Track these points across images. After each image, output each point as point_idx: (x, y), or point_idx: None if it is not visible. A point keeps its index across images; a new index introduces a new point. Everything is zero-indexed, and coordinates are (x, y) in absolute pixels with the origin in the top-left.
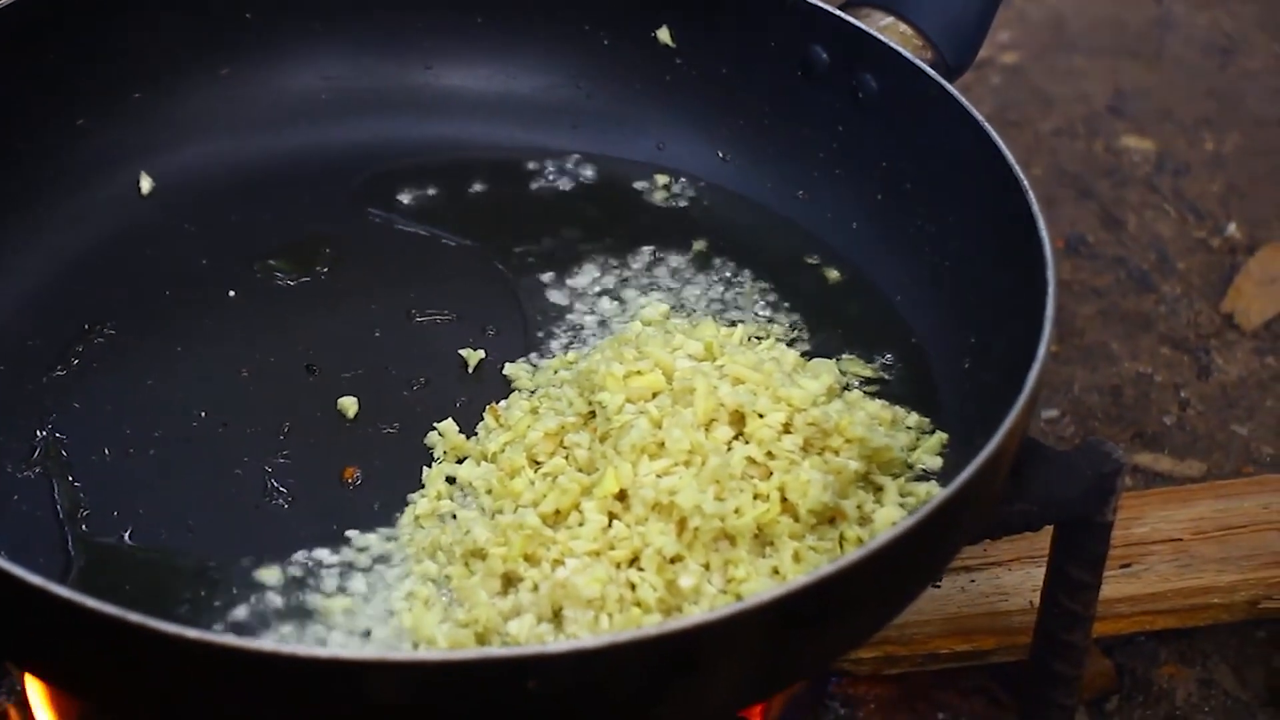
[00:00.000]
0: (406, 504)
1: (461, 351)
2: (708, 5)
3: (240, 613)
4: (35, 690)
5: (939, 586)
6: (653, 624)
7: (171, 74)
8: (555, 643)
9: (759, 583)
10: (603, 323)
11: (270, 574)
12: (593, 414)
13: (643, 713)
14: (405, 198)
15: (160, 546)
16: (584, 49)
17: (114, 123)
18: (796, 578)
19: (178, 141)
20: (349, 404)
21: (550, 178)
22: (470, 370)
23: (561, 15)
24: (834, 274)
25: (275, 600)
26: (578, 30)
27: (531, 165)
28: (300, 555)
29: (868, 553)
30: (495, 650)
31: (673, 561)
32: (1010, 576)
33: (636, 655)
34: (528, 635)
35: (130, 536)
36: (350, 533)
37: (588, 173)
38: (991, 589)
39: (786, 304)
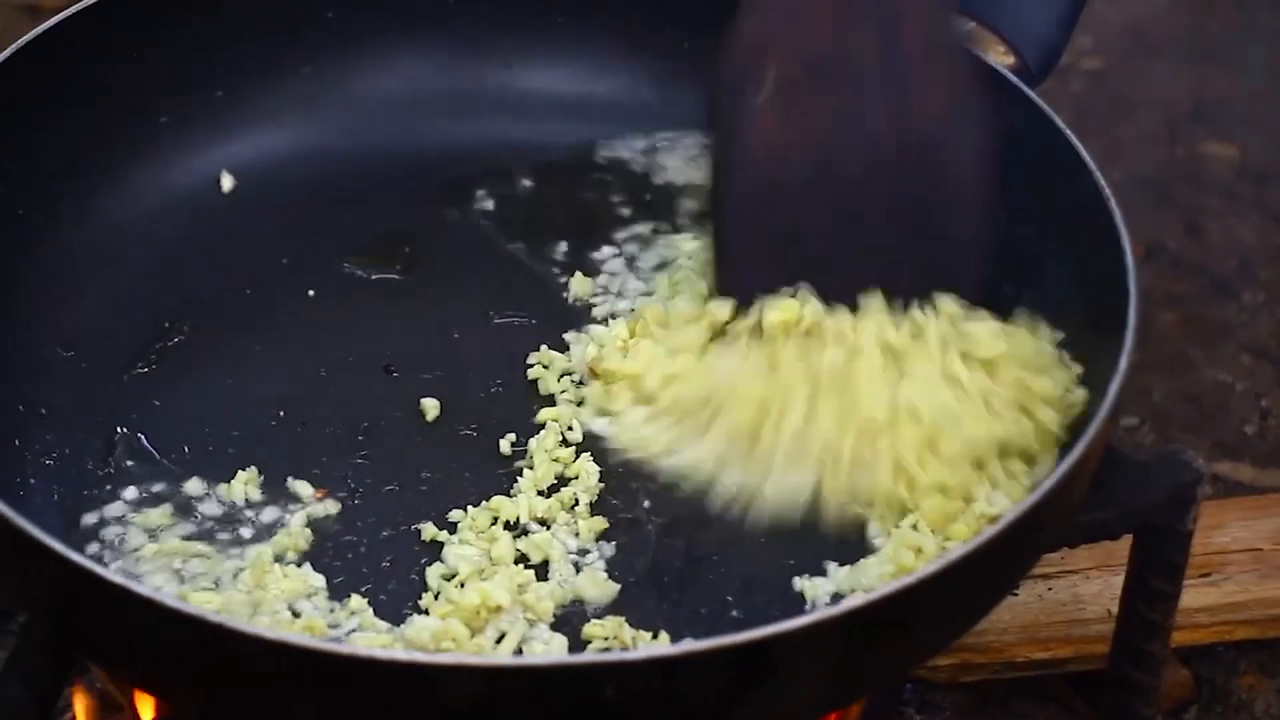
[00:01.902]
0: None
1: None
2: None
3: None
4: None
5: (1017, 594)
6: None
7: (253, 73)
8: (633, 650)
9: None
10: None
11: None
12: None
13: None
14: (485, 198)
15: None
16: (665, 51)
17: (196, 121)
18: (877, 587)
19: (259, 140)
20: (430, 405)
21: (631, 180)
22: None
23: (643, 17)
24: None
25: None
26: (659, 32)
27: (612, 167)
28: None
29: (947, 562)
30: (573, 657)
31: None
32: (1088, 585)
33: (715, 663)
34: None
35: None
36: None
37: (669, 175)
38: (1069, 597)
39: None
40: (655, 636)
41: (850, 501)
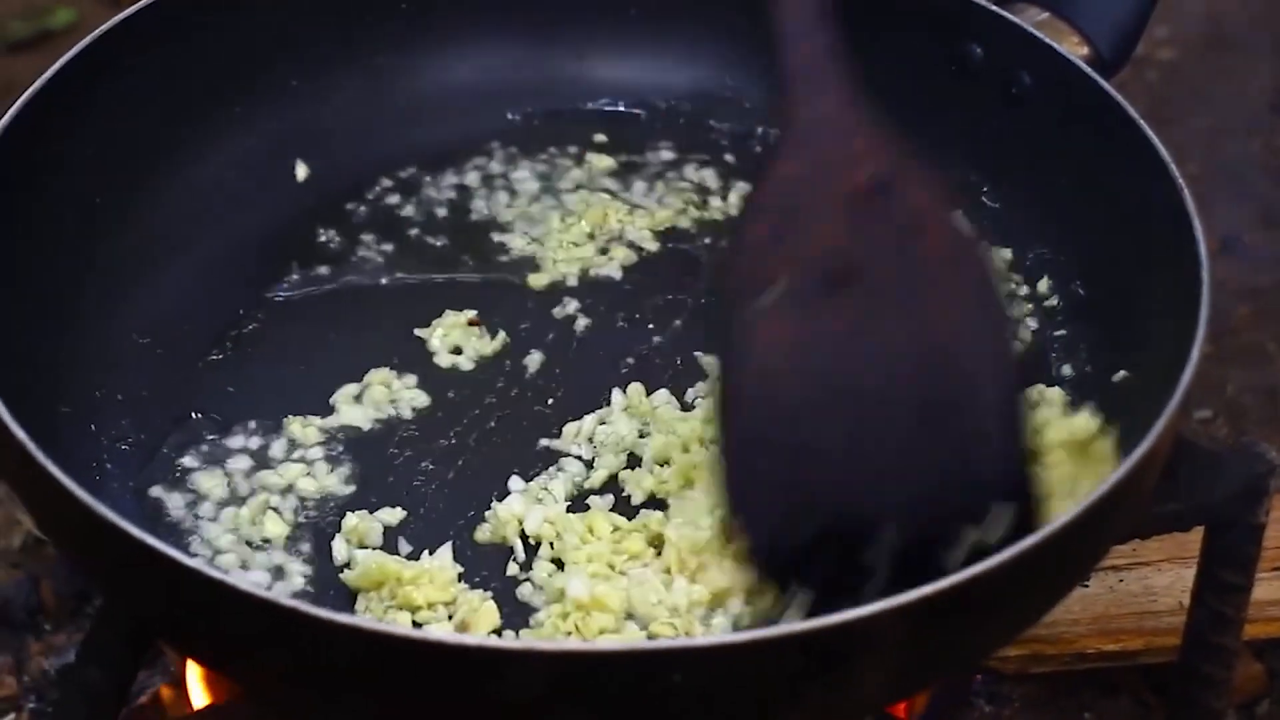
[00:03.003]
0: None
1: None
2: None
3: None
4: (192, 670)
5: (1087, 586)
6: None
7: (327, 62)
8: (702, 637)
9: None
10: None
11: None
12: None
13: (787, 707)
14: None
15: None
16: (736, 41)
17: (270, 111)
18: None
19: (333, 129)
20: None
21: (702, 168)
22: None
23: (713, 7)
24: None
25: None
26: (730, 22)
27: (682, 155)
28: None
29: (1017, 551)
30: (642, 643)
31: None
32: (1160, 577)
33: (784, 650)
34: None
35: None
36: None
37: (740, 163)
38: (1141, 589)
39: None
40: None
41: None
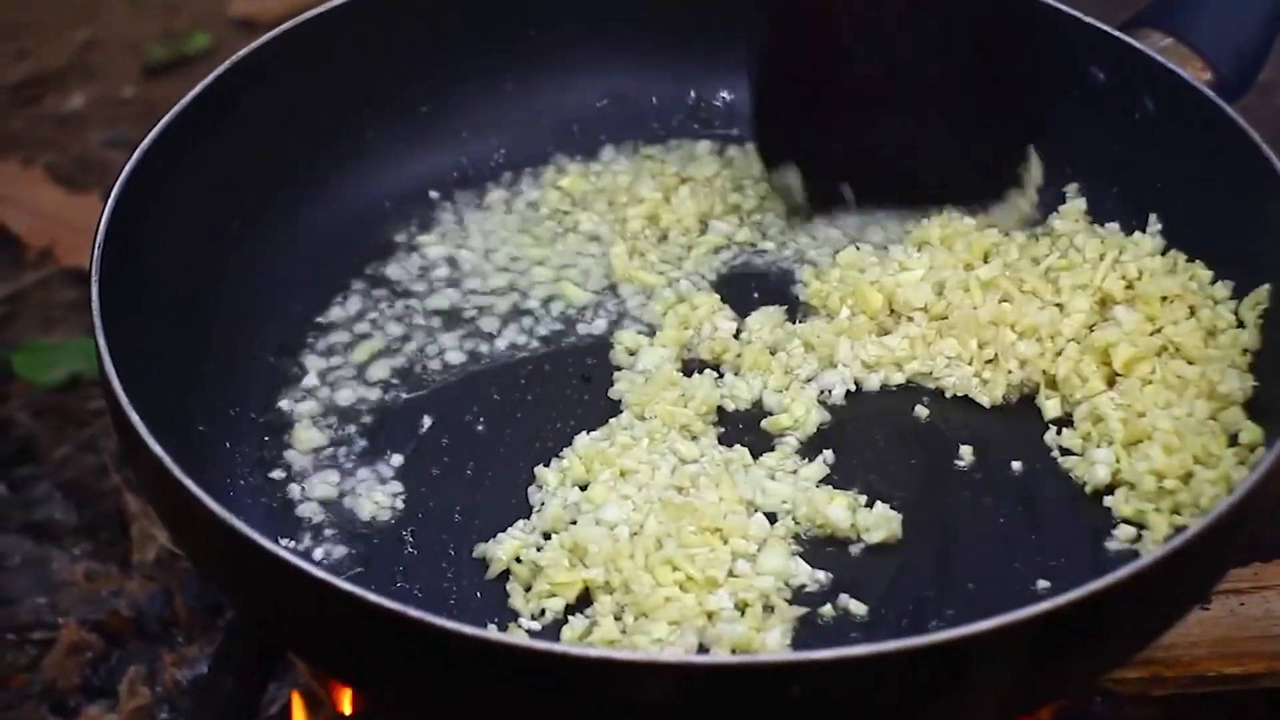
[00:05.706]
0: None
1: None
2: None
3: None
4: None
5: (1208, 609)
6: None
7: (457, 89)
8: (821, 650)
9: None
10: None
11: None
12: None
13: None
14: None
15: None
16: None
17: (401, 135)
18: (1064, 594)
19: (463, 155)
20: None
21: None
22: None
23: None
24: None
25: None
26: None
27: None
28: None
29: (1136, 569)
30: (763, 656)
31: None
32: None
33: (903, 665)
34: None
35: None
36: None
37: None
38: (1262, 613)
39: None
40: None
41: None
